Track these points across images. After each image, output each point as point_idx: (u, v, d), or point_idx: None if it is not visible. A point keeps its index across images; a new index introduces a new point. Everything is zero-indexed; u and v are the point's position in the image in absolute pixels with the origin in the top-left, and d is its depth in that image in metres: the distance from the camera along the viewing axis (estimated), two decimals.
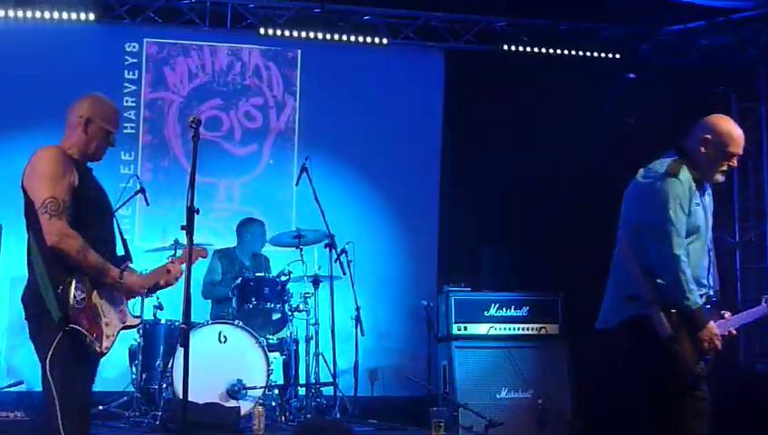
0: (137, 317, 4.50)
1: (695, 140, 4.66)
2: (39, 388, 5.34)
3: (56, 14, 8.56)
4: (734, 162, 4.67)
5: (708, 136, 4.61)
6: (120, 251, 4.45)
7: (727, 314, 4.72)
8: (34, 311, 4.16)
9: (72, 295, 4.09)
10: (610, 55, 9.47)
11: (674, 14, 8.74)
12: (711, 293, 4.72)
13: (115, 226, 4.48)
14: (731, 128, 4.66)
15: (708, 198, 4.75)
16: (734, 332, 4.72)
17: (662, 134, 5.28)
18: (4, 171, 8.62)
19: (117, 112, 4.55)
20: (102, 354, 4.22)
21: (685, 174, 4.67)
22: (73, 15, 8.57)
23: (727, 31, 8.83)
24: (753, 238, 8.90)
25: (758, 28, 8.83)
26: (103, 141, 4.38)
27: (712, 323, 4.58)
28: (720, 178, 4.69)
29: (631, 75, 9.20)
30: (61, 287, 4.10)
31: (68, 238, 4.11)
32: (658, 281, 4.57)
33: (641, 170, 4.79)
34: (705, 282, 4.66)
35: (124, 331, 4.32)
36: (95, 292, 4.21)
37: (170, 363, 7.02)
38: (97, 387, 6.48)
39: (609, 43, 9.47)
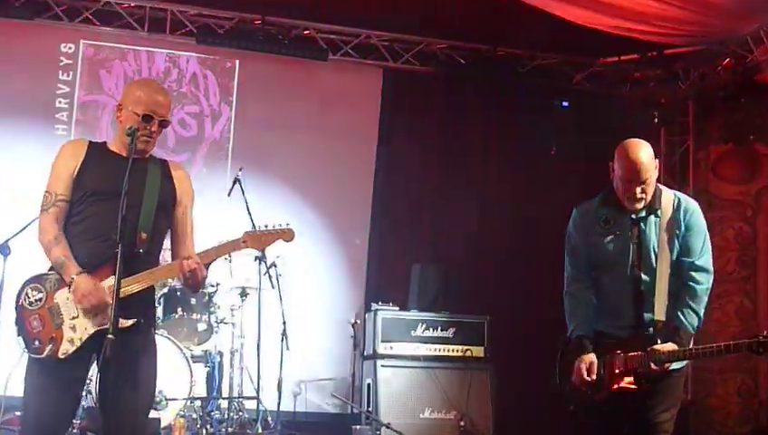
0: (129, 320, 3.94)
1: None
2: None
3: None
4: (633, 189, 4.49)
5: (611, 163, 4.58)
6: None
7: (652, 349, 4.38)
8: None
9: (23, 295, 4.02)
10: (546, 82, 9.61)
11: (609, 46, 8.88)
12: (641, 322, 4.50)
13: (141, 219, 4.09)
14: (622, 153, 4.51)
15: (644, 226, 4.57)
16: (656, 367, 4.35)
17: (591, 161, 5.37)
18: None
19: (154, 93, 4.24)
20: (57, 359, 3.94)
21: (587, 205, 4.74)
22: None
23: (659, 65, 8.99)
24: None
25: (689, 64, 9.05)
26: (138, 129, 4.10)
27: (584, 357, 4.51)
28: (632, 205, 4.54)
29: (565, 103, 9.31)
30: (20, 288, 4.06)
31: (42, 233, 4.06)
32: None
33: None
34: (620, 312, 4.56)
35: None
36: (61, 291, 4.02)
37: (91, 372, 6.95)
38: (11, 391, 6.40)
39: (545, 70, 9.62)
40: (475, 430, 7.84)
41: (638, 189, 4.46)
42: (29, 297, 4.01)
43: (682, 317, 4.44)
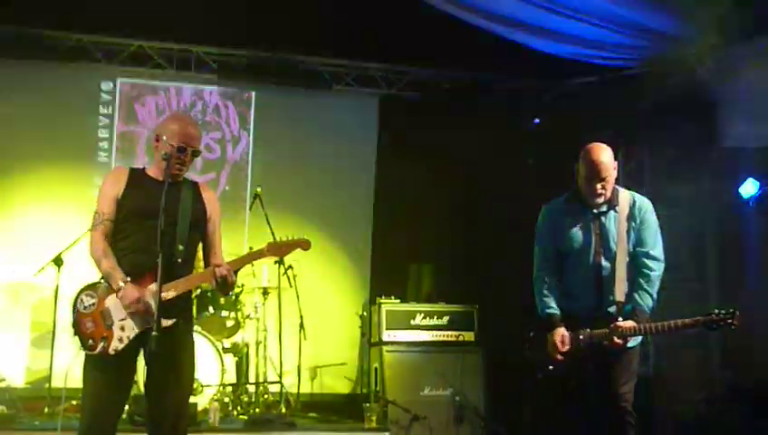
0: (169, 320, 4.23)
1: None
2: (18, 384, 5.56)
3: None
4: (595, 185, 4.80)
5: (576, 165, 4.92)
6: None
7: (615, 326, 4.69)
8: None
9: (79, 301, 4.33)
10: (520, 103, 9.92)
11: (573, 69, 9.14)
12: (602, 303, 4.83)
13: (179, 235, 4.33)
14: (586, 155, 4.85)
15: (605, 220, 4.89)
16: (619, 341, 4.67)
17: (560, 171, 5.77)
18: None
19: (187, 127, 4.44)
20: (108, 355, 4.21)
21: (555, 202, 5.08)
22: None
23: (616, 85, 9.23)
24: None
25: (643, 83, 9.14)
26: (173, 158, 4.33)
27: (557, 331, 4.83)
28: (594, 200, 4.86)
29: (536, 120, 9.70)
30: (75, 295, 4.36)
31: (93, 246, 4.33)
32: None
33: None
34: (584, 294, 4.89)
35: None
36: (110, 297, 4.27)
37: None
38: (70, 383, 6.51)
39: (519, 92, 9.94)
40: (468, 403, 8.21)
41: (599, 186, 4.81)
42: (83, 302, 4.28)
43: (638, 299, 4.78)
